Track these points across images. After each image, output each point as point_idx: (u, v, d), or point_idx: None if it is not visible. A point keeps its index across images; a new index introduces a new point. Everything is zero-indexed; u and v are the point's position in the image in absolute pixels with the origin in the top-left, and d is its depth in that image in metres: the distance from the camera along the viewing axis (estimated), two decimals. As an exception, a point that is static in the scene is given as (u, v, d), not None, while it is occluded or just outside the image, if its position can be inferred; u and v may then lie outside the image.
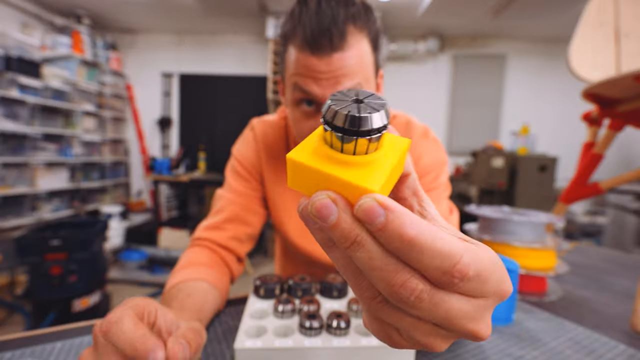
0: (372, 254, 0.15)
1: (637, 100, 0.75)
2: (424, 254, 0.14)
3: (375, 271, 0.15)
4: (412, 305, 0.15)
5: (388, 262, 0.14)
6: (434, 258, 0.14)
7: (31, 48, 2.69)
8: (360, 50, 0.47)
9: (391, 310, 0.16)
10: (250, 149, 0.67)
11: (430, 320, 0.15)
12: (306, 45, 0.45)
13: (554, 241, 0.66)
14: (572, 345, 0.45)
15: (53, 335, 0.44)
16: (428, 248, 0.14)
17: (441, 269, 0.14)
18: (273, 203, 0.67)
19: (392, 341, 0.18)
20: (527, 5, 2.84)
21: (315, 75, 0.46)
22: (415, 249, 0.14)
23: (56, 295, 1.68)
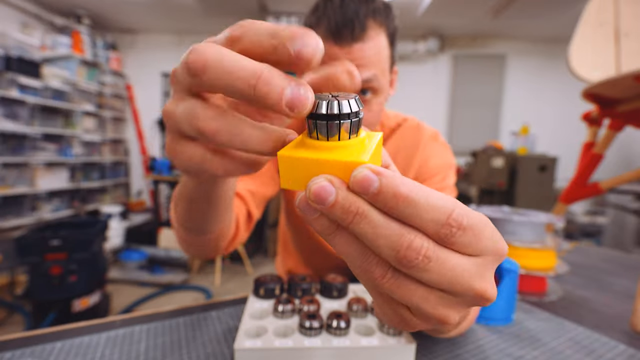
0: (374, 222, 0.15)
1: (637, 100, 0.75)
2: (420, 208, 0.15)
3: (381, 239, 0.15)
4: (421, 268, 0.15)
5: (391, 227, 0.15)
6: (430, 212, 0.15)
7: (31, 48, 2.69)
8: (378, 43, 0.51)
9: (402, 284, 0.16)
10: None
11: (438, 284, 0.16)
12: (329, 35, 0.49)
13: (554, 241, 0.66)
14: (572, 345, 0.45)
15: (53, 335, 0.44)
16: (423, 203, 0.15)
17: (439, 222, 0.15)
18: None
19: (407, 322, 0.18)
20: (527, 5, 2.85)
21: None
22: (411, 205, 0.15)
23: (56, 295, 1.68)
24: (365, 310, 0.43)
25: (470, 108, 3.77)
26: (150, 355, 0.40)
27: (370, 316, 0.44)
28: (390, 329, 0.39)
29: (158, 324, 0.47)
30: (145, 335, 0.44)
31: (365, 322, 0.42)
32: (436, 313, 0.17)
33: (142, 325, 0.47)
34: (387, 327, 0.39)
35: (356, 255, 0.17)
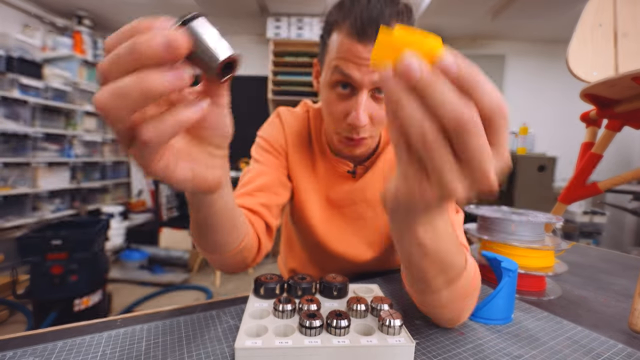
0: (446, 94, 0.20)
1: (635, 101, 0.75)
2: (484, 93, 0.21)
3: (448, 106, 0.20)
4: (471, 133, 0.20)
5: (459, 100, 0.20)
6: (491, 97, 0.21)
7: (32, 49, 2.69)
8: None
9: (442, 150, 0.21)
10: (277, 131, 0.69)
11: (469, 157, 0.21)
12: (354, 33, 0.50)
13: (553, 241, 0.66)
14: (570, 344, 0.45)
15: (54, 334, 0.44)
16: (487, 90, 0.21)
17: (495, 106, 0.21)
18: (295, 183, 0.69)
19: (423, 193, 0.23)
20: (526, 6, 2.85)
21: (357, 61, 0.50)
22: (479, 89, 0.21)
23: (57, 294, 1.69)
24: (366, 310, 0.44)
25: (470, 108, 3.77)
26: (151, 354, 0.40)
27: (370, 316, 0.44)
28: (390, 329, 0.39)
29: (158, 324, 0.48)
30: (145, 335, 0.45)
31: (365, 321, 0.42)
32: (451, 185, 0.22)
33: (142, 325, 0.47)
34: (387, 326, 0.40)
35: (420, 118, 0.21)
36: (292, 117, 0.71)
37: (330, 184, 0.69)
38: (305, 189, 0.69)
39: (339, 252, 0.70)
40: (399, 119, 0.22)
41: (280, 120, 0.71)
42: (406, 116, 0.21)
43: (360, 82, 0.52)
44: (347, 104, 0.55)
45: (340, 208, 0.70)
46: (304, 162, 0.69)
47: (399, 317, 0.40)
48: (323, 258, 0.72)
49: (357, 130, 0.55)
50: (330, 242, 0.70)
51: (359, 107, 0.52)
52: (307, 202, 0.69)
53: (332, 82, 0.55)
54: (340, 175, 0.69)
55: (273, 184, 0.64)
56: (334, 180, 0.69)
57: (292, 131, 0.70)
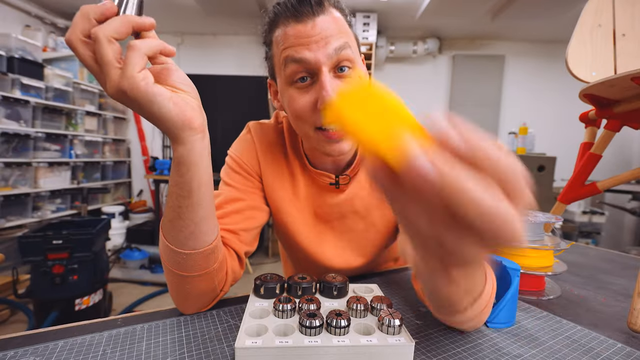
0: (471, 192, 0.16)
1: (634, 101, 0.75)
2: (493, 160, 0.17)
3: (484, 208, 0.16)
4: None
5: (477, 181, 0.16)
6: (502, 159, 0.17)
7: (33, 49, 2.69)
8: (338, 18, 0.52)
9: (453, 232, 0.18)
10: (248, 150, 0.65)
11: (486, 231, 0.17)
12: (291, 17, 0.50)
13: (552, 240, 0.66)
14: (569, 343, 0.46)
15: (55, 333, 0.45)
16: (496, 153, 0.17)
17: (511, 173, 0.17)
18: (275, 206, 0.66)
19: (446, 266, 0.23)
20: (526, 6, 2.85)
21: (303, 42, 0.49)
22: (488, 157, 0.17)
23: (58, 294, 1.69)
24: (365, 310, 0.44)
25: (469, 108, 3.77)
26: (151, 353, 0.40)
27: (370, 315, 0.45)
28: (390, 328, 0.40)
29: (159, 323, 0.48)
30: (146, 334, 0.45)
31: (365, 321, 0.43)
32: (474, 255, 0.19)
33: (143, 324, 0.47)
34: (386, 326, 0.40)
35: (428, 222, 0.18)
36: (263, 131, 0.67)
37: (314, 200, 0.66)
38: (288, 211, 0.65)
39: (333, 265, 0.68)
40: (402, 217, 0.20)
41: (251, 136, 0.66)
42: (410, 219, 0.19)
43: (315, 62, 0.49)
44: (312, 93, 0.52)
45: (329, 222, 0.67)
46: (282, 179, 0.65)
47: (399, 317, 0.40)
48: (313, 268, 0.70)
49: None
50: (323, 259, 0.68)
51: (326, 84, 0.49)
52: (292, 223, 0.66)
53: (289, 77, 0.52)
54: (322, 188, 0.65)
55: (244, 208, 0.60)
56: (317, 194, 0.65)
57: (265, 146, 0.65)
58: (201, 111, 0.42)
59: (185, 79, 0.41)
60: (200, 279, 0.47)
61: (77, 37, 0.33)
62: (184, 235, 0.44)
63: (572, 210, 3.21)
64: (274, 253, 3.43)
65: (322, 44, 0.49)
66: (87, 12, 0.33)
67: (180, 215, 0.43)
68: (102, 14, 0.34)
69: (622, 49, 0.90)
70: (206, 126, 0.43)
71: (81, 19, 0.33)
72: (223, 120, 3.87)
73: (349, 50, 0.50)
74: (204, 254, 0.46)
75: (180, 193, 0.42)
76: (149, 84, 0.34)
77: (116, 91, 0.34)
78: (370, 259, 0.70)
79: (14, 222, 2.55)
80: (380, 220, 0.66)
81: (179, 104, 0.38)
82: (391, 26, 3.53)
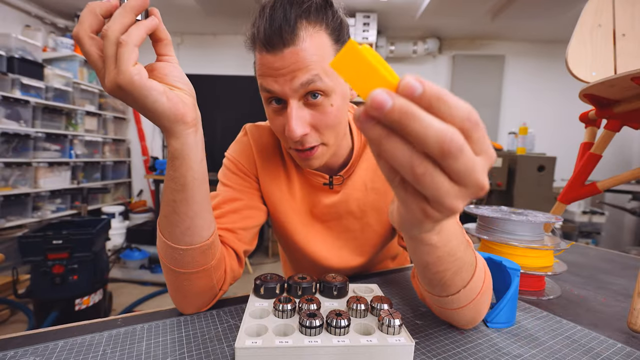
0: (424, 120, 0.19)
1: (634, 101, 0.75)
2: (451, 106, 0.20)
3: (430, 133, 0.19)
4: (455, 157, 0.19)
5: (436, 123, 0.19)
6: (458, 109, 0.20)
7: (33, 49, 2.69)
8: (315, 43, 0.49)
9: (435, 177, 0.21)
10: (245, 151, 0.66)
11: (460, 175, 0.20)
12: (262, 46, 0.49)
13: (552, 240, 0.66)
14: (569, 343, 0.46)
15: (55, 333, 0.45)
16: (454, 101, 0.20)
17: (463, 118, 0.20)
18: (272, 206, 0.67)
19: (427, 214, 0.23)
20: (526, 6, 2.85)
21: (272, 73, 0.49)
22: (446, 104, 0.20)
23: (58, 294, 1.69)
24: (365, 310, 0.44)
25: (470, 108, 3.77)
26: (151, 353, 0.41)
27: (370, 315, 0.45)
28: (390, 328, 0.40)
29: (159, 323, 0.48)
30: (146, 334, 0.45)
31: (365, 321, 0.43)
32: (452, 204, 0.22)
33: (143, 324, 0.47)
34: (386, 326, 0.40)
35: (403, 154, 0.21)
36: (260, 132, 0.68)
37: (310, 200, 0.67)
38: (284, 211, 0.66)
39: (332, 265, 0.69)
40: (384, 158, 0.22)
41: (248, 138, 0.67)
42: (389, 155, 0.21)
43: (282, 93, 0.50)
44: (282, 118, 0.53)
45: (325, 222, 0.68)
46: (278, 180, 0.66)
47: (399, 317, 0.40)
48: (317, 270, 0.71)
49: (298, 142, 0.53)
50: (321, 258, 0.68)
51: (290, 119, 0.50)
52: (289, 223, 0.67)
53: (265, 99, 0.54)
54: (317, 188, 0.66)
55: (241, 208, 0.61)
56: (312, 195, 0.66)
57: (261, 148, 0.66)
58: (195, 107, 0.43)
59: (181, 76, 0.42)
60: (198, 275, 0.47)
61: (85, 33, 0.35)
62: (180, 230, 0.45)
63: (572, 210, 3.21)
64: (274, 253, 3.43)
65: (289, 77, 0.48)
66: (93, 8, 0.35)
67: (175, 210, 0.44)
68: (108, 10, 0.35)
69: (622, 49, 0.90)
70: (199, 122, 0.44)
71: (88, 15, 0.35)
72: (223, 120, 3.87)
73: (318, 83, 0.49)
74: (200, 249, 0.46)
75: (175, 187, 0.43)
76: (143, 78, 0.36)
77: (113, 86, 0.35)
78: (368, 258, 0.70)
79: (14, 222, 2.55)
80: (376, 221, 0.67)
81: (173, 99, 0.39)
82: (391, 26, 3.53)
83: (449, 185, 0.21)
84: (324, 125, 0.53)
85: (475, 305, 0.42)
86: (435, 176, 0.21)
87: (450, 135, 0.19)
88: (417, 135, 0.19)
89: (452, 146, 0.19)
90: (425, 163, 0.20)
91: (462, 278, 0.39)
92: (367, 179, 0.66)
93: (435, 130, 0.19)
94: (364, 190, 0.65)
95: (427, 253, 0.35)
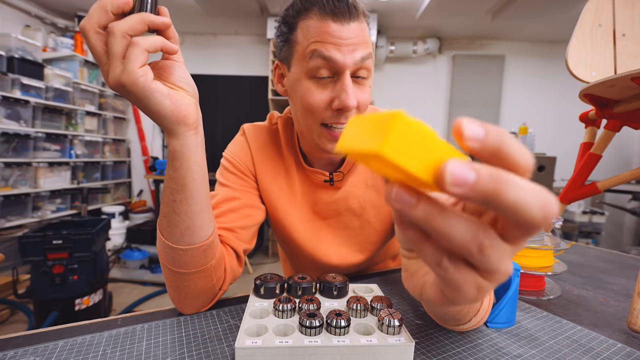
0: (518, 185, 0.15)
1: (634, 101, 0.75)
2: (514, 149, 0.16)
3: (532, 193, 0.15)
4: (488, 258, 0.17)
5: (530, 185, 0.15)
6: (524, 155, 0.16)
7: (33, 49, 2.69)
8: (366, 26, 0.54)
9: (462, 271, 0.18)
10: (243, 150, 0.66)
11: (489, 270, 0.18)
12: (327, 14, 0.50)
13: (552, 240, 0.66)
14: (569, 343, 0.46)
15: (55, 333, 0.45)
16: (515, 145, 0.16)
17: (531, 164, 0.17)
18: (271, 204, 0.67)
19: (480, 288, 0.19)
20: (526, 6, 2.84)
21: (336, 42, 0.50)
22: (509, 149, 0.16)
23: (58, 294, 1.69)
24: (365, 310, 0.44)
25: (469, 108, 3.77)
26: (151, 353, 0.41)
27: (370, 315, 0.45)
28: (390, 328, 0.40)
29: (159, 323, 0.48)
30: (146, 334, 0.45)
31: (365, 321, 0.43)
32: (507, 267, 0.18)
33: (143, 324, 0.47)
34: (386, 326, 0.40)
35: (469, 228, 0.17)
36: (257, 132, 0.68)
37: (310, 197, 0.67)
38: (284, 209, 0.66)
39: (331, 262, 0.69)
40: (445, 241, 0.18)
41: (245, 138, 0.67)
42: (446, 233, 0.17)
43: (342, 63, 0.50)
44: (329, 91, 0.53)
45: (326, 219, 0.68)
46: (277, 178, 0.66)
47: (399, 317, 0.40)
48: (316, 267, 0.71)
49: (345, 114, 0.53)
50: (320, 255, 0.68)
51: (348, 88, 0.51)
52: (289, 221, 0.67)
53: (311, 70, 0.52)
54: (317, 185, 0.66)
55: (240, 207, 0.61)
56: (312, 192, 0.67)
57: (259, 147, 0.66)
58: (197, 109, 0.43)
59: (186, 77, 0.43)
60: (197, 275, 0.47)
61: (92, 27, 0.35)
62: (180, 230, 0.45)
63: (572, 210, 3.21)
64: (274, 253, 3.43)
65: (352, 49, 0.51)
66: (104, 4, 0.35)
67: (174, 210, 0.44)
68: (119, 8, 0.35)
69: (622, 49, 0.90)
70: (201, 124, 0.44)
71: (98, 10, 0.35)
72: (223, 120, 3.87)
73: (370, 61, 0.53)
74: (200, 249, 0.46)
75: (175, 187, 0.43)
76: (148, 79, 0.36)
77: (116, 83, 0.35)
78: (368, 256, 0.70)
79: (14, 222, 2.55)
80: (375, 219, 0.67)
81: (176, 101, 0.40)
82: (391, 26, 3.53)
83: (506, 249, 0.18)
84: (364, 104, 0.55)
85: (481, 321, 0.43)
86: (499, 243, 0.17)
87: (550, 198, 0.15)
88: (512, 204, 0.15)
89: (553, 211, 0.15)
90: (490, 233, 0.17)
91: (473, 310, 0.39)
92: (367, 177, 0.66)
93: (536, 198, 0.15)
94: (363, 187, 0.66)
95: (451, 312, 0.37)
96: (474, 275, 0.19)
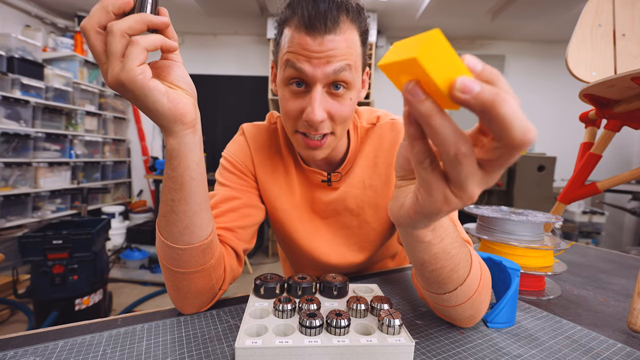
0: (510, 103, 0.20)
1: (634, 101, 0.75)
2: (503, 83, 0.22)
3: (518, 114, 0.20)
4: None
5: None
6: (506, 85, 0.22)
7: (33, 49, 2.69)
8: (350, 37, 0.51)
9: (471, 159, 0.22)
10: (242, 150, 0.67)
11: (493, 161, 0.22)
12: (302, 26, 0.49)
13: (552, 240, 0.66)
14: (569, 343, 0.46)
15: (55, 333, 0.45)
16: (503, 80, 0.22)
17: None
18: (270, 203, 0.67)
19: (447, 200, 0.25)
20: (526, 6, 2.84)
21: (307, 54, 0.50)
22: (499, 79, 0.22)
23: (58, 294, 1.69)
24: (365, 310, 0.44)
25: (470, 108, 3.77)
26: (151, 353, 0.41)
27: (370, 315, 0.45)
28: (390, 328, 0.40)
29: (159, 323, 0.48)
30: (146, 334, 0.45)
31: (365, 321, 0.43)
32: (474, 191, 0.24)
33: (143, 324, 0.47)
34: (386, 326, 0.40)
35: (454, 131, 0.22)
36: (257, 131, 0.68)
37: (309, 196, 0.67)
38: (283, 208, 0.67)
39: (330, 261, 0.69)
40: (434, 138, 0.22)
41: (245, 138, 0.68)
42: (437, 131, 0.22)
43: (312, 76, 0.50)
44: (302, 101, 0.53)
45: (324, 219, 0.69)
46: (276, 177, 0.66)
47: (399, 317, 0.40)
48: (316, 267, 0.71)
49: (314, 126, 0.53)
50: (319, 255, 0.69)
51: (314, 102, 0.51)
52: (288, 220, 0.67)
53: (286, 79, 0.53)
54: (315, 185, 0.66)
55: (240, 206, 0.61)
56: (311, 191, 0.67)
57: (259, 146, 0.67)
58: (195, 108, 0.43)
59: (184, 77, 0.43)
60: (197, 275, 0.47)
61: (93, 27, 0.35)
62: (179, 229, 0.45)
63: (572, 210, 3.21)
64: (274, 253, 3.43)
65: (324, 62, 0.50)
66: (106, 4, 0.35)
67: (173, 209, 0.44)
68: (120, 8, 0.36)
69: (622, 49, 0.90)
70: (199, 123, 0.44)
71: (99, 10, 0.35)
72: (223, 120, 3.87)
73: (346, 73, 0.51)
74: (199, 248, 0.46)
75: (173, 186, 0.43)
76: (146, 78, 0.36)
77: (115, 81, 0.36)
78: (367, 255, 0.70)
79: (14, 222, 2.55)
80: (373, 218, 0.67)
81: (174, 99, 0.40)
82: (391, 26, 3.53)
83: (477, 169, 0.23)
84: (340, 116, 0.54)
85: (473, 302, 0.43)
86: (473, 158, 0.22)
87: (533, 127, 0.20)
88: (501, 118, 0.19)
89: (532, 137, 0.20)
90: (469, 146, 0.22)
91: (458, 276, 0.40)
92: (365, 177, 0.66)
93: (521, 121, 0.20)
94: (361, 187, 0.66)
95: (422, 251, 0.36)
96: (445, 185, 0.25)
